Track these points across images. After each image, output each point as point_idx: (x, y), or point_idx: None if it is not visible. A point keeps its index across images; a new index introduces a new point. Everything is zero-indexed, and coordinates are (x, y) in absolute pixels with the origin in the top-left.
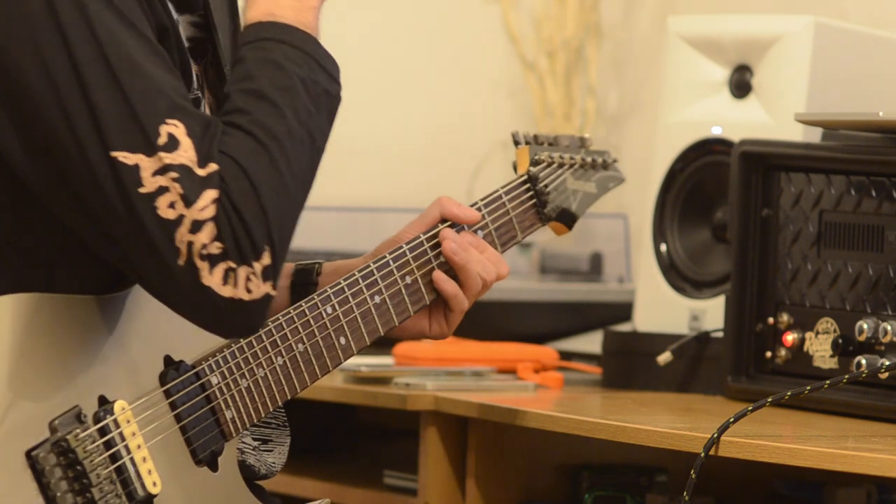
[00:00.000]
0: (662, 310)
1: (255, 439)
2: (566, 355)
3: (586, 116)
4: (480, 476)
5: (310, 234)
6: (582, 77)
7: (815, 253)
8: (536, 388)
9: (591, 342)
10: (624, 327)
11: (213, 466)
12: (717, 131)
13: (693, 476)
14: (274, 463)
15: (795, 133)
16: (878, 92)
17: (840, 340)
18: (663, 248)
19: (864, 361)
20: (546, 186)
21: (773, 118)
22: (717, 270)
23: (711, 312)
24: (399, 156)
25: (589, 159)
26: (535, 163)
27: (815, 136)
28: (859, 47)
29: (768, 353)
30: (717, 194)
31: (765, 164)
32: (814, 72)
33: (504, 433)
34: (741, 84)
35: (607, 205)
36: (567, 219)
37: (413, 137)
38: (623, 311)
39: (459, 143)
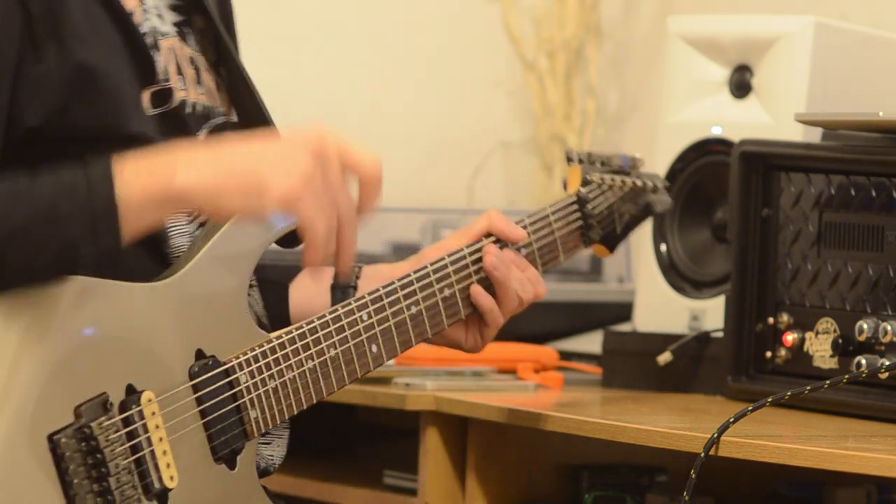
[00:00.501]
0: (662, 310)
1: None
2: (566, 355)
3: (586, 116)
4: (480, 476)
5: None
6: (582, 77)
7: (815, 253)
8: (536, 388)
9: (591, 342)
10: (624, 327)
11: (232, 464)
12: (717, 131)
13: (693, 476)
14: (272, 455)
15: (795, 133)
16: (878, 92)
17: (840, 340)
18: (663, 248)
19: (864, 361)
20: (594, 209)
21: (773, 118)
22: (717, 270)
23: (711, 312)
24: (399, 155)
25: (640, 183)
26: (585, 182)
27: (815, 136)
28: (859, 47)
29: (768, 353)
30: (717, 194)
31: (765, 164)
32: (814, 72)
33: (504, 433)
34: (741, 84)
35: None
36: (610, 242)
37: (413, 137)
38: (623, 311)
39: (459, 143)
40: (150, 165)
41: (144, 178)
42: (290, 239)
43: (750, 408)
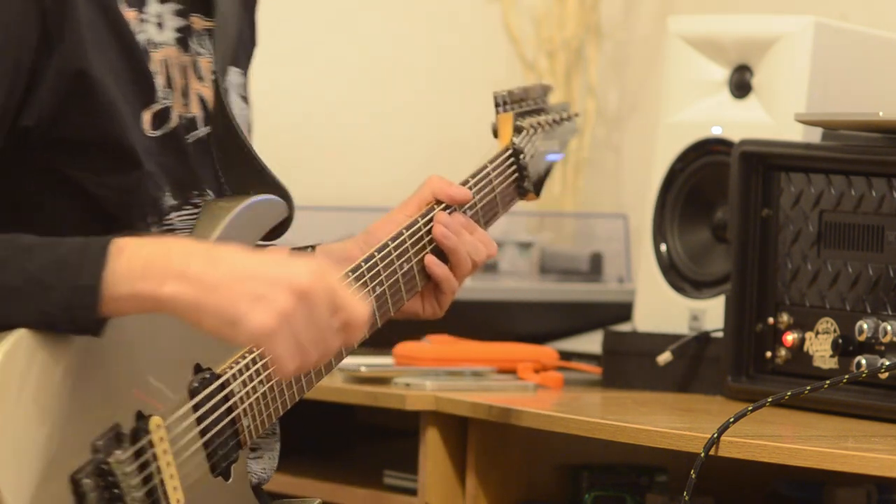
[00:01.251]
0: (662, 310)
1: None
2: (566, 355)
3: (586, 116)
4: (480, 476)
5: (309, 233)
6: (582, 77)
7: (815, 253)
8: (536, 388)
9: (591, 342)
10: (624, 327)
11: (227, 476)
12: (717, 131)
13: (693, 476)
14: (264, 469)
15: (795, 133)
16: (878, 92)
17: (840, 340)
18: (663, 248)
19: (864, 361)
20: (526, 157)
21: (773, 118)
22: (717, 270)
23: (711, 312)
24: (399, 155)
25: (557, 117)
26: (517, 130)
27: (815, 136)
28: (859, 47)
29: (768, 353)
30: (717, 194)
31: (765, 164)
32: (814, 72)
33: (504, 433)
34: (741, 84)
35: (607, 205)
36: (538, 186)
37: (413, 137)
38: (623, 311)
39: (459, 142)
40: (143, 267)
41: (136, 280)
42: (273, 233)
43: (750, 408)
